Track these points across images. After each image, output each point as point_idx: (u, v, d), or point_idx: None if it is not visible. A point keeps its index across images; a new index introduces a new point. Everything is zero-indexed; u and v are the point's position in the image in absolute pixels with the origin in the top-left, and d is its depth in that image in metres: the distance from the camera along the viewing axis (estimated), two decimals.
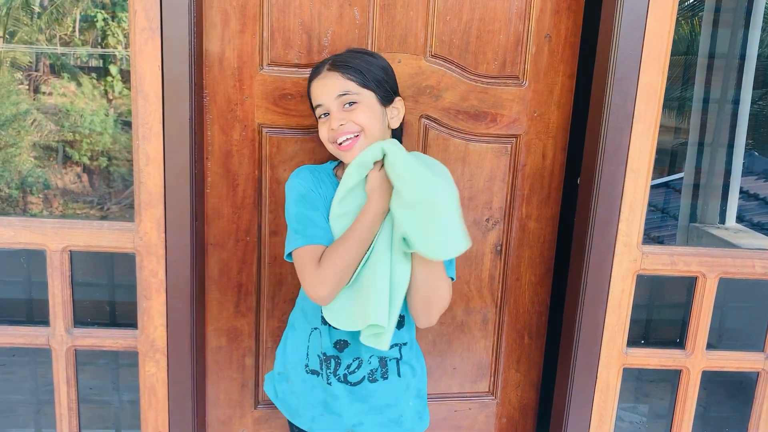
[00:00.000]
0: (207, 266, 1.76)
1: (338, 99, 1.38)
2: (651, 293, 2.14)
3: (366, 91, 1.40)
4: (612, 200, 1.64)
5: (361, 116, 1.38)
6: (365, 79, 1.39)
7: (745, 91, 3.04)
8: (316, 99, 1.42)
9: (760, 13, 2.99)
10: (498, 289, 1.90)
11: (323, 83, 1.40)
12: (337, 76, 1.39)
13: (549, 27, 1.73)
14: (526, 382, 1.98)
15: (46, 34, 7.00)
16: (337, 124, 1.37)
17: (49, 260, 1.63)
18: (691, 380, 1.76)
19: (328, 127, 1.39)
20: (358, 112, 1.38)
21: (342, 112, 1.38)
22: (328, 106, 1.39)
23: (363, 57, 1.44)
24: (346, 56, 1.44)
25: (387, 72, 1.45)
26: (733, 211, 3.29)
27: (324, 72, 1.41)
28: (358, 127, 1.38)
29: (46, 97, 6.87)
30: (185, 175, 1.60)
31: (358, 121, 1.37)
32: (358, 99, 1.38)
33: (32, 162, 6.42)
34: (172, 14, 1.51)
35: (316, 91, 1.42)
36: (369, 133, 1.39)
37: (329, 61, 1.42)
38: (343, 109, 1.38)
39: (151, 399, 1.71)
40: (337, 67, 1.39)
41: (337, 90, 1.38)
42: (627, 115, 1.60)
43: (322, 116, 1.42)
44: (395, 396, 1.50)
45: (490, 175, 1.81)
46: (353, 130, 1.38)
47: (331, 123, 1.38)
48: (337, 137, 1.38)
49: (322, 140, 1.43)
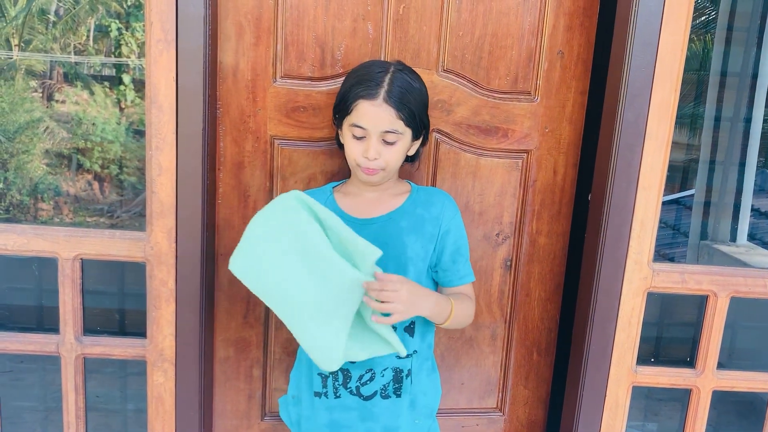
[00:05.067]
0: (217, 276, 1.76)
1: (383, 134, 1.41)
2: (661, 311, 2.13)
3: (407, 130, 1.44)
4: (623, 217, 1.64)
5: (393, 156, 1.44)
6: (412, 119, 1.43)
7: (757, 109, 3.03)
8: (360, 121, 1.41)
9: None
10: (507, 305, 1.89)
11: (376, 112, 1.40)
12: (391, 112, 1.40)
13: (561, 43, 1.74)
14: (535, 398, 1.97)
15: (60, 42, 7.07)
16: (373, 156, 1.42)
17: (60, 268, 1.64)
18: (702, 400, 1.75)
19: (362, 150, 1.43)
20: (392, 152, 1.44)
21: (380, 144, 1.42)
22: (369, 133, 1.41)
23: (413, 90, 1.44)
24: (403, 88, 1.41)
25: (426, 106, 1.50)
26: (745, 229, 3.28)
27: (380, 100, 1.39)
28: (385, 164, 1.44)
29: (59, 105, 6.93)
30: (197, 185, 1.60)
31: (388, 159, 1.43)
32: (398, 138, 1.43)
33: (44, 169, 6.48)
34: (187, 26, 1.53)
35: (365, 115, 1.40)
36: (391, 169, 1.46)
37: (386, 87, 1.40)
38: (381, 142, 1.42)
39: (158, 408, 1.72)
40: (394, 102, 1.39)
41: (387, 126, 1.41)
42: (639, 133, 1.60)
43: (355, 136, 1.43)
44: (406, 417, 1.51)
45: (500, 190, 1.81)
46: (381, 166, 1.44)
47: (368, 152, 1.41)
48: (365, 164, 1.43)
49: (348, 155, 1.47)
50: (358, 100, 1.41)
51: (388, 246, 1.41)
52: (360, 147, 1.43)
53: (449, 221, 1.51)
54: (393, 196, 1.52)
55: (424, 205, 1.51)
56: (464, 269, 1.54)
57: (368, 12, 1.66)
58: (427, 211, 1.50)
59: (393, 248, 1.44)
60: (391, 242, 1.45)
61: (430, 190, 1.57)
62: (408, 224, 1.48)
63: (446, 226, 1.50)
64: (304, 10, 1.64)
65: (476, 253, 1.82)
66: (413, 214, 1.49)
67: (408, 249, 1.46)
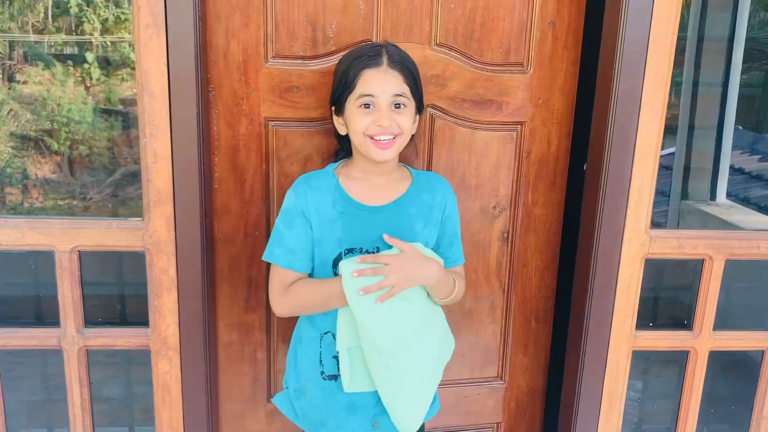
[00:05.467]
0: (216, 262, 1.75)
1: (393, 98, 1.39)
2: (656, 275, 2.17)
3: (412, 99, 1.43)
4: (620, 186, 1.66)
5: (406, 120, 1.42)
6: (416, 88, 1.44)
7: (734, 72, 3.07)
8: (369, 88, 1.39)
9: None
10: (505, 276, 1.91)
11: (383, 77, 1.39)
12: (397, 76, 1.40)
13: (553, 13, 1.73)
14: (534, 366, 2.01)
15: (18, 21, 6.85)
16: (388, 123, 1.39)
17: (58, 261, 1.61)
18: (699, 360, 1.79)
19: (372, 119, 1.40)
20: (405, 117, 1.42)
21: (391, 111, 1.40)
22: (379, 101, 1.39)
23: (412, 62, 1.46)
24: (403, 57, 1.43)
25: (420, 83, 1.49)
26: (724, 188, 3.34)
27: (384, 66, 1.39)
28: (399, 130, 1.41)
29: (21, 86, 6.74)
30: (194, 171, 1.58)
31: (402, 124, 1.41)
32: (407, 104, 1.42)
33: (9, 152, 6.32)
34: (176, 9, 1.49)
35: (371, 81, 1.39)
36: (405, 137, 1.45)
37: (384, 53, 1.41)
38: (391, 108, 1.40)
39: (164, 396, 1.71)
40: (398, 67, 1.40)
41: (396, 89, 1.40)
42: (634, 101, 1.61)
43: (363, 106, 1.40)
44: None
45: (496, 163, 1.81)
46: (395, 132, 1.41)
47: (381, 119, 1.39)
48: (380, 134, 1.40)
49: (354, 130, 1.43)
50: (362, 70, 1.40)
51: (399, 234, 1.44)
52: (370, 117, 1.40)
53: (451, 207, 1.55)
54: (397, 181, 1.52)
55: (428, 191, 1.52)
56: (458, 252, 1.59)
57: None
58: (432, 197, 1.52)
59: (404, 235, 1.45)
60: (402, 230, 1.46)
61: (429, 175, 1.59)
62: (416, 211, 1.49)
63: (449, 211, 1.54)
64: None
65: (474, 226, 1.84)
66: (419, 200, 1.50)
67: (418, 236, 1.48)
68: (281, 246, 1.47)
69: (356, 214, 1.46)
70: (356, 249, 1.46)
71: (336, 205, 1.46)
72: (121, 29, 6.64)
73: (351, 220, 1.46)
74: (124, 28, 6.60)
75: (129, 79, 6.42)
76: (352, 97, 1.41)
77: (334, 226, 1.45)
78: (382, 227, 1.44)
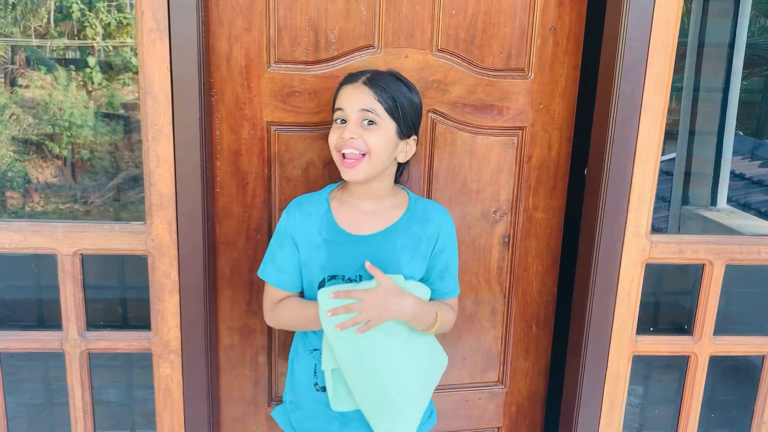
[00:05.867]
0: (218, 265, 1.75)
1: (360, 113, 1.39)
2: (656, 280, 2.17)
3: (389, 120, 1.41)
4: (621, 191, 1.66)
5: (373, 139, 1.39)
6: (394, 107, 1.40)
7: (734, 78, 3.08)
8: (339, 103, 1.42)
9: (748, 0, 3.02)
10: (506, 280, 1.91)
11: (354, 93, 1.40)
12: (368, 93, 1.39)
13: (554, 19, 1.74)
14: (535, 370, 2.01)
15: (20, 26, 6.87)
16: (349, 136, 1.38)
17: (60, 264, 1.62)
18: (699, 365, 1.80)
19: (339, 134, 1.40)
20: (372, 134, 1.39)
21: (358, 127, 1.39)
22: (347, 115, 1.40)
23: (400, 86, 1.44)
24: (385, 78, 1.43)
25: (416, 109, 1.47)
26: (724, 193, 3.35)
27: (359, 83, 1.41)
28: (366, 148, 1.39)
29: (23, 90, 6.76)
30: (196, 175, 1.59)
31: (369, 142, 1.39)
32: (378, 121, 1.39)
33: (12, 156, 6.33)
34: (179, 14, 1.50)
35: (342, 96, 1.42)
36: (374, 158, 1.40)
37: (368, 75, 1.42)
38: (361, 124, 1.39)
39: (166, 400, 1.71)
40: (373, 85, 1.40)
41: (363, 104, 1.38)
42: (635, 106, 1.62)
43: (337, 121, 1.42)
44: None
45: (497, 168, 1.82)
46: (361, 149, 1.39)
47: (343, 132, 1.39)
48: (343, 147, 1.39)
49: (330, 145, 1.45)
50: (341, 87, 1.44)
51: (383, 264, 1.42)
52: (339, 131, 1.41)
53: (444, 240, 1.51)
54: (390, 209, 1.50)
55: (421, 222, 1.49)
56: (450, 285, 1.56)
57: None
58: (424, 229, 1.49)
59: (388, 267, 1.43)
60: (387, 261, 1.43)
61: (427, 204, 1.55)
62: (404, 242, 1.47)
63: (441, 245, 1.51)
64: None
65: (474, 231, 1.84)
66: (409, 231, 1.48)
67: (403, 268, 1.46)
68: (272, 264, 1.50)
69: (341, 242, 1.46)
70: (338, 276, 1.45)
71: (321, 232, 1.46)
72: (122, 34, 6.66)
73: (335, 248, 1.46)
74: (125, 33, 6.63)
75: (130, 83, 6.44)
76: (334, 116, 1.44)
77: (319, 252, 1.46)
78: (366, 257, 1.42)
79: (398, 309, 1.40)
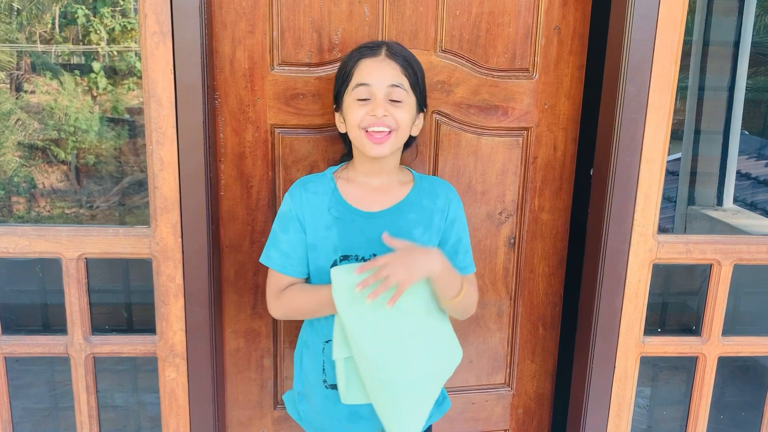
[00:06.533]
0: (223, 269, 1.75)
1: (389, 88, 1.36)
2: (664, 281, 2.16)
3: (412, 93, 1.40)
4: (627, 191, 1.65)
5: (402, 114, 1.38)
6: (416, 81, 1.40)
7: (740, 77, 3.06)
8: (364, 77, 1.37)
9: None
10: (512, 282, 1.90)
11: (380, 66, 1.37)
12: (395, 66, 1.37)
13: (558, 18, 1.73)
14: (542, 372, 2.00)
15: (26, 31, 6.89)
16: (382, 113, 1.35)
17: (65, 268, 1.61)
18: (708, 366, 1.78)
19: (367, 110, 1.36)
20: (400, 110, 1.38)
21: (387, 103, 1.36)
22: (374, 90, 1.36)
23: (414, 57, 1.43)
24: (401, 49, 1.42)
25: (425, 80, 1.46)
26: (731, 193, 3.33)
27: (382, 56, 1.38)
28: (395, 124, 1.37)
29: (29, 95, 6.78)
30: (200, 178, 1.58)
31: (398, 118, 1.37)
32: (404, 98, 1.38)
33: (17, 161, 6.35)
34: (182, 17, 1.50)
35: (367, 70, 1.37)
36: (401, 134, 1.40)
37: (383, 46, 1.40)
38: (388, 101, 1.37)
39: (171, 404, 1.71)
40: (397, 58, 1.38)
41: (392, 79, 1.36)
42: (641, 106, 1.61)
43: (360, 99, 1.37)
44: None
45: (502, 169, 1.81)
46: (391, 126, 1.37)
47: (375, 109, 1.35)
48: (374, 125, 1.36)
49: (350, 124, 1.40)
50: (360, 60, 1.39)
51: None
52: (365, 108, 1.36)
53: (455, 212, 1.50)
54: (398, 185, 1.48)
55: (430, 196, 1.48)
56: (465, 260, 1.52)
57: None
58: (433, 202, 1.48)
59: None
60: (400, 236, 1.39)
61: (432, 179, 1.54)
62: (416, 216, 1.46)
63: (452, 216, 1.49)
64: None
65: (480, 233, 1.83)
66: (420, 205, 1.47)
67: (417, 242, 1.43)
68: (277, 249, 1.46)
69: (352, 220, 1.43)
70: (351, 256, 1.43)
71: (332, 210, 1.44)
72: (127, 38, 6.68)
73: (347, 225, 1.43)
74: (130, 38, 6.65)
75: (135, 88, 6.46)
76: (349, 89, 1.40)
77: (330, 232, 1.43)
78: (379, 233, 1.37)
79: (427, 263, 1.33)
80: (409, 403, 1.43)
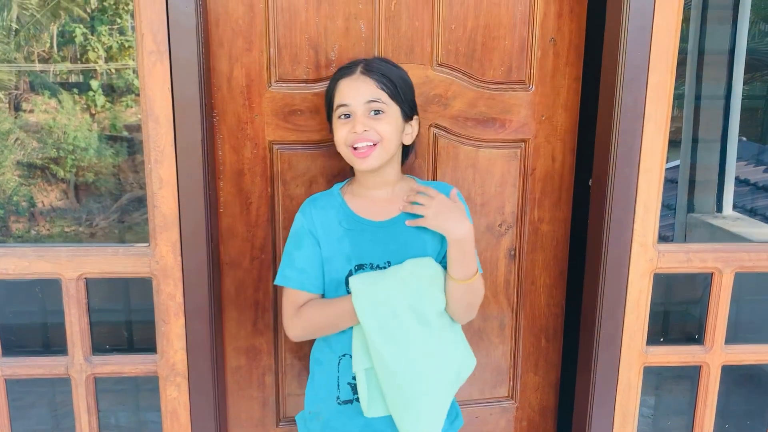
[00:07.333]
0: (223, 286, 1.74)
1: (367, 105, 1.39)
2: (665, 290, 2.16)
3: (393, 104, 1.42)
4: (626, 201, 1.65)
5: (385, 127, 1.40)
6: (396, 91, 1.42)
7: (736, 84, 3.07)
8: (343, 98, 1.41)
9: (747, 6, 3.02)
10: (513, 294, 1.90)
11: (355, 85, 1.40)
12: (370, 82, 1.40)
13: (553, 30, 1.74)
14: (545, 384, 1.99)
15: (24, 51, 6.91)
16: (361, 129, 1.38)
17: (64, 289, 1.61)
18: (711, 375, 1.77)
19: (349, 128, 1.40)
20: (383, 122, 1.40)
21: (367, 118, 1.39)
22: (353, 109, 1.40)
23: (394, 69, 1.45)
24: (379, 64, 1.44)
25: (410, 87, 1.48)
26: (730, 200, 3.33)
27: (357, 74, 1.41)
28: (378, 137, 1.40)
29: (27, 114, 6.79)
30: (199, 196, 1.58)
31: (380, 131, 1.40)
32: (385, 109, 1.40)
33: (17, 180, 6.35)
34: (179, 36, 1.50)
35: (344, 91, 1.41)
36: (387, 145, 1.42)
37: (361, 63, 1.43)
38: (368, 115, 1.39)
39: (173, 423, 1.70)
40: (371, 73, 1.40)
41: (368, 95, 1.39)
42: (638, 116, 1.61)
43: (342, 117, 1.42)
44: None
45: (501, 181, 1.81)
46: (373, 139, 1.40)
47: (354, 126, 1.39)
48: (356, 141, 1.39)
49: (337, 143, 1.44)
50: (338, 81, 1.43)
51: (409, 245, 1.43)
52: (347, 126, 1.40)
53: None
54: (403, 194, 1.49)
55: None
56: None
57: (360, 10, 1.65)
58: None
59: (413, 248, 1.44)
60: (411, 241, 1.44)
61: (438, 184, 1.54)
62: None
63: None
64: (296, 12, 1.62)
65: (480, 245, 1.83)
66: None
67: (428, 246, 1.46)
68: (292, 268, 1.46)
69: (363, 230, 1.46)
70: (366, 265, 1.45)
71: (342, 223, 1.46)
72: (125, 56, 6.70)
73: (358, 236, 1.46)
74: (127, 56, 6.67)
75: (133, 105, 6.48)
76: (333, 110, 1.44)
77: (342, 243, 1.45)
78: (390, 241, 1.43)
79: (457, 221, 1.37)
80: (427, 408, 1.44)
